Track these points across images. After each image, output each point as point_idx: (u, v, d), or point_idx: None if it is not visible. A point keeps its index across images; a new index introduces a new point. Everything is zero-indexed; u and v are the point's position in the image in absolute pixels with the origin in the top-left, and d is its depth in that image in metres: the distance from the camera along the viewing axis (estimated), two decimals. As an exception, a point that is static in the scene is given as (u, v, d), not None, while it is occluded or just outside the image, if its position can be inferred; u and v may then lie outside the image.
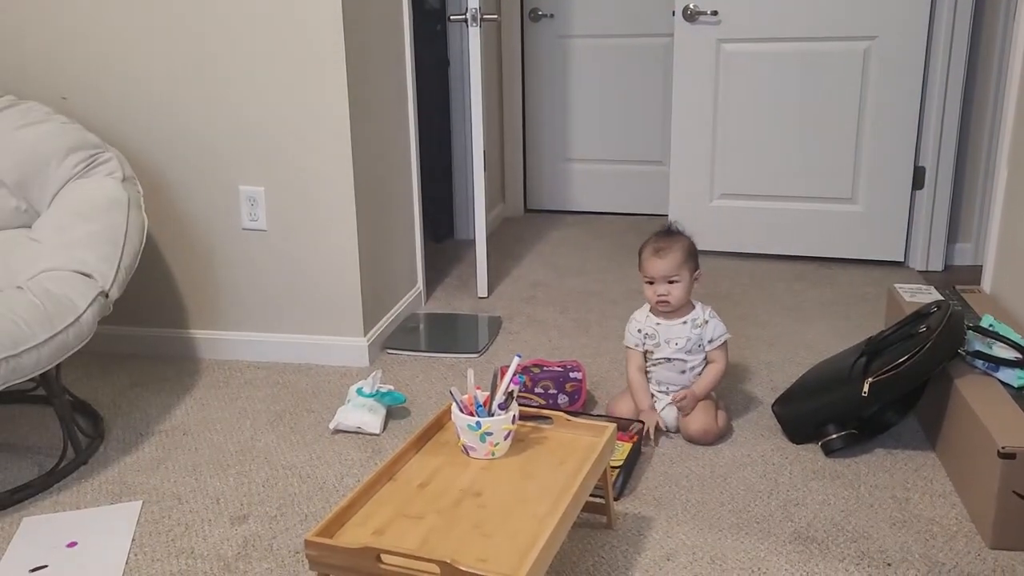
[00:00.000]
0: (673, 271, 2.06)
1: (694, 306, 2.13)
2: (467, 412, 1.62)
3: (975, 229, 3.34)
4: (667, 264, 2.06)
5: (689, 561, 1.65)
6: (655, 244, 2.10)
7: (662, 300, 2.08)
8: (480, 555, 1.34)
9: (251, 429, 2.20)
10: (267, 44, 2.38)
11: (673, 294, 2.07)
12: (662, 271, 2.06)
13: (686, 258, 2.08)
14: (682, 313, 2.12)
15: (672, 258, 2.06)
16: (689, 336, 2.10)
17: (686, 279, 2.08)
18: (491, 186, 3.93)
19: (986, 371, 1.93)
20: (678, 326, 2.11)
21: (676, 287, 2.07)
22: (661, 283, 2.07)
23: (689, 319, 2.11)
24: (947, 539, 1.71)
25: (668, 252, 2.07)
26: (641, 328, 2.14)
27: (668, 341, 2.11)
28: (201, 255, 2.59)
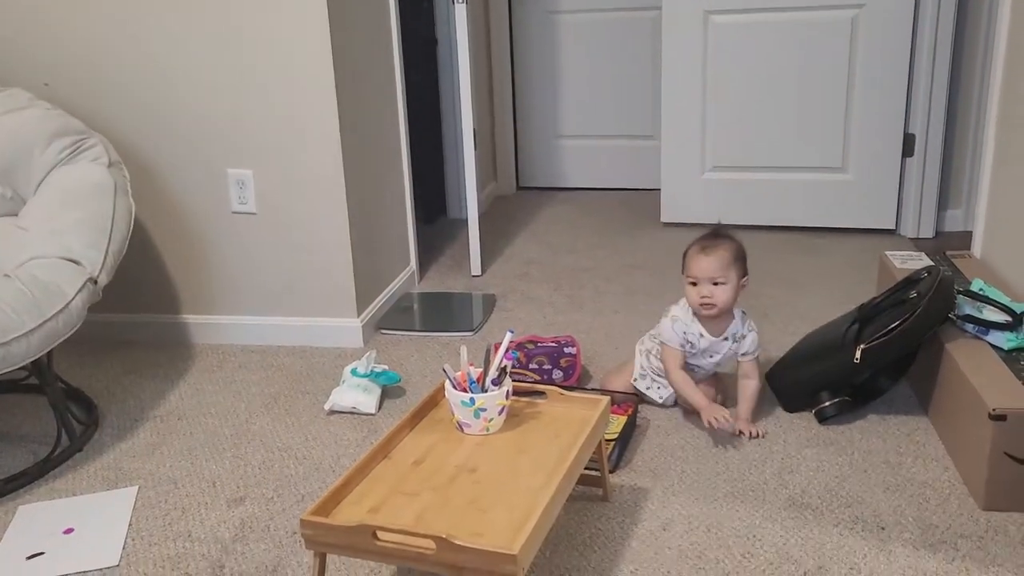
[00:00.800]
0: (719, 272, 1.93)
1: (735, 316, 2.01)
2: (461, 389, 1.62)
3: (965, 195, 3.34)
4: (713, 263, 1.93)
5: (685, 530, 1.66)
6: (702, 243, 1.98)
7: (706, 303, 1.94)
8: (476, 530, 1.34)
9: (246, 412, 2.20)
10: (252, 26, 2.36)
11: (717, 296, 1.93)
12: (707, 271, 1.93)
13: (734, 259, 1.95)
14: (724, 324, 2.00)
15: (719, 257, 1.93)
16: (727, 352, 2.02)
17: (733, 282, 1.94)
18: (482, 164, 3.91)
19: (976, 335, 1.93)
20: (720, 342, 2.00)
21: (721, 289, 1.93)
22: (705, 284, 1.94)
23: (730, 333, 2.00)
24: (940, 502, 1.72)
25: (715, 251, 1.94)
26: (687, 332, 2.00)
27: (705, 352, 2.01)
28: (191, 240, 2.58)
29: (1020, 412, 1.62)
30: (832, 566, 1.54)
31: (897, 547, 1.59)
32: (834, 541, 1.61)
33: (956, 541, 1.60)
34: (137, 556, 1.65)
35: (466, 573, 1.27)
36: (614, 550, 1.61)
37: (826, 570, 1.53)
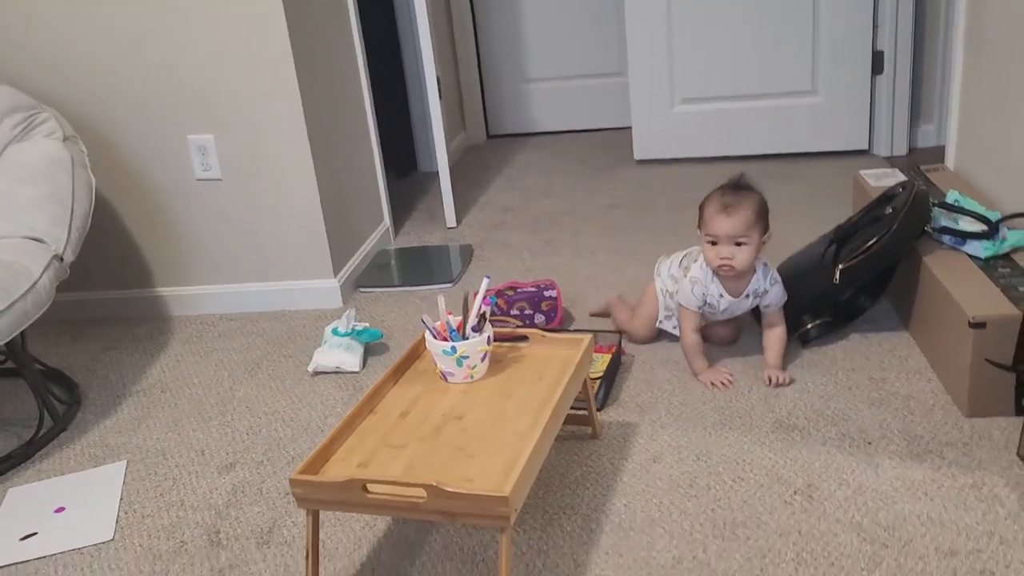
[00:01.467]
0: (742, 231, 1.80)
1: (756, 270, 1.89)
2: (441, 338, 1.61)
3: (937, 109, 3.33)
4: (736, 223, 1.80)
5: (675, 461, 1.67)
6: (722, 199, 1.82)
7: (725, 264, 1.83)
8: (466, 476, 1.34)
9: (229, 380, 2.19)
10: (198, -15, 2.30)
11: (738, 258, 1.82)
12: (729, 231, 1.80)
13: (757, 217, 1.82)
14: (744, 282, 1.89)
15: (742, 217, 1.80)
16: (747, 309, 1.94)
17: (755, 241, 1.82)
18: (450, 115, 3.86)
19: (953, 246, 1.93)
20: (740, 301, 1.90)
21: (743, 250, 1.82)
22: (726, 244, 1.82)
23: (751, 291, 1.90)
24: (924, 413, 1.73)
25: (738, 210, 1.80)
26: (705, 293, 1.90)
27: (725, 311, 1.93)
28: (157, 211, 2.53)
29: (1000, 319, 1.63)
30: (821, 483, 1.56)
31: (884, 460, 1.60)
32: (822, 459, 1.62)
33: (942, 449, 1.62)
34: (131, 529, 1.65)
35: (459, 518, 1.28)
36: (606, 485, 1.62)
37: (816, 487, 1.55)
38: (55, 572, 1.55)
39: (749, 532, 1.46)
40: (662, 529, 1.49)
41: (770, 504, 1.52)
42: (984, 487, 1.50)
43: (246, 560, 1.53)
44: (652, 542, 1.46)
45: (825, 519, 1.47)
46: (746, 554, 1.41)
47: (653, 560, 1.42)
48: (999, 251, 1.87)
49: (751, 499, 1.54)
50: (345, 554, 1.52)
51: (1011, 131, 2.14)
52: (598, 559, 1.44)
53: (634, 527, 1.50)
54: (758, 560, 1.39)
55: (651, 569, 1.40)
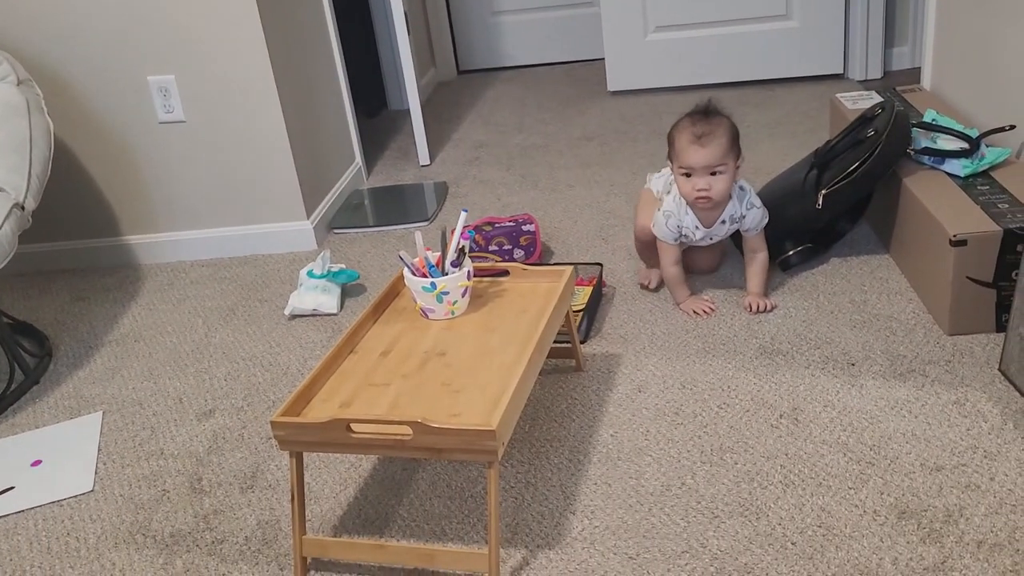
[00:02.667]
0: (718, 160, 1.73)
1: (731, 195, 1.83)
2: (420, 275, 1.58)
3: (910, 31, 3.28)
4: (711, 153, 1.73)
5: (660, 390, 1.66)
6: (693, 128, 1.75)
7: (702, 196, 1.77)
8: (451, 411, 1.32)
9: (204, 327, 2.14)
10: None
11: (715, 188, 1.76)
12: (704, 160, 1.73)
13: (731, 143, 1.76)
14: (719, 210, 1.84)
15: (716, 145, 1.73)
16: (727, 231, 1.88)
17: (731, 169, 1.76)
18: (419, 51, 3.76)
19: (933, 165, 1.92)
20: (716, 227, 1.86)
21: (720, 179, 1.75)
22: (702, 175, 1.75)
23: (727, 217, 1.85)
24: (906, 332, 1.74)
25: (712, 139, 1.73)
26: (680, 225, 1.86)
27: (702, 240, 1.89)
28: (120, 156, 2.45)
29: (980, 235, 1.63)
30: (806, 406, 1.56)
31: (868, 380, 1.61)
32: (806, 382, 1.62)
33: (924, 368, 1.62)
34: (111, 479, 1.62)
35: (446, 454, 1.26)
36: (592, 417, 1.61)
37: (801, 410, 1.55)
38: (35, 525, 1.53)
39: (736, 457, 1.46)
40: (650, 457, 1.49)
41: (756, 428, 1.52)
42: (967, 403, 1.51)
43: (230, 505, 1.51)
44: (640, 471, 1.46)
45: (811, 441, 1.47)
46: (734, 478, 1.41)
47: (642, 488, 1.42)
48: (978, 169, 1.85)
49: (737, 424, 1.54)
50: (331, 495, 1.50)
51: (986, 48, 2.11)
52: (587, 489, 1.44)
53: (621, 457, 1.50)
54: (746, 484, 1.40)
55: (640, 497, 1.40)
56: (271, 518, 1.47)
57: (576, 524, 1.37)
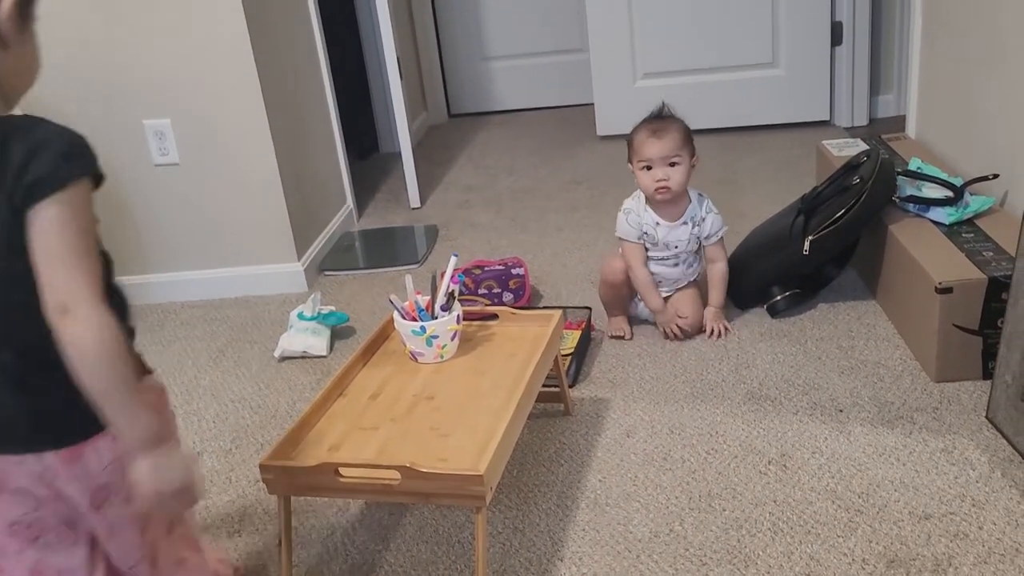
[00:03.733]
0: (673, 151, 1.88)
1: (691, 199, 1.97)
2: (410, 318, 1.59)
3: (896, 79, 3.35)
4: (667, 144, 1.88)
5: (649, 435, 1.66)
6: (650, 126, 1.92)
7: (662, 187, 1.89)
8: (440, 455, 1.32)
9: (193, 368, 2.14)
10: (148, -37, 2.23)
11: (674, 178, 1.88)
12: (661, 152, 1.88)
13: (685, 139, 1.91)
14: (680, 208, 1.95)
15: (671, 138, 1.89)
16: (689, 238, 1.96)
17: (686, 162, 1.90)
18: (411, 94, 3.81)
19: (918, 213, 1.95)
20: (678, 227, 1.95)
21: (677, 171, 1.89)
22: (660, 166, 1.89)
23: (688, 217, 1.95)
24: (894, 379, 1.75)
25: (666, 132, 1.89)
26: (641, 222, 1.95)
27: (667, 244, 1.95)
28: (115, 198, 2.46)
29: (965, 283, 1.65)
30: (795, 452, 1.56)
31: (856, 427, 1.61)
32: (795, 428, 1.63)
33: (912, 415, 1.63)
34: (96, 523, 1.60)
35: (434, 500, 1.26)
36: (580, 462, 1.61)
37: (789, 457, 1.55)
38: (19, 570, 1.51)
39: (725, 503, 1.46)
40: (638, 503, 1.49)
41: (745, 475, 1.52)
42: (955, 451, 1.52)
43: (217, 549, 1.50)
44: (629, 517, 1.46)
45: (800, 488, 1.47)
46: (723, 525, 1.41)
47: (630, 535, 1.42)
48: (962, 217, 1.88)
49: (726, 470, 1.54)
50: (319, 540, 1.49)
51: (970, 98, 2.15)
52: (575, 536, 1.43)
53: (610, 502, 1.50)
54: (735, 531, 1.39)
55: (628, 544, 1.40)
56: (258, 563, 1.46)
57: (564, 571, 1.36)
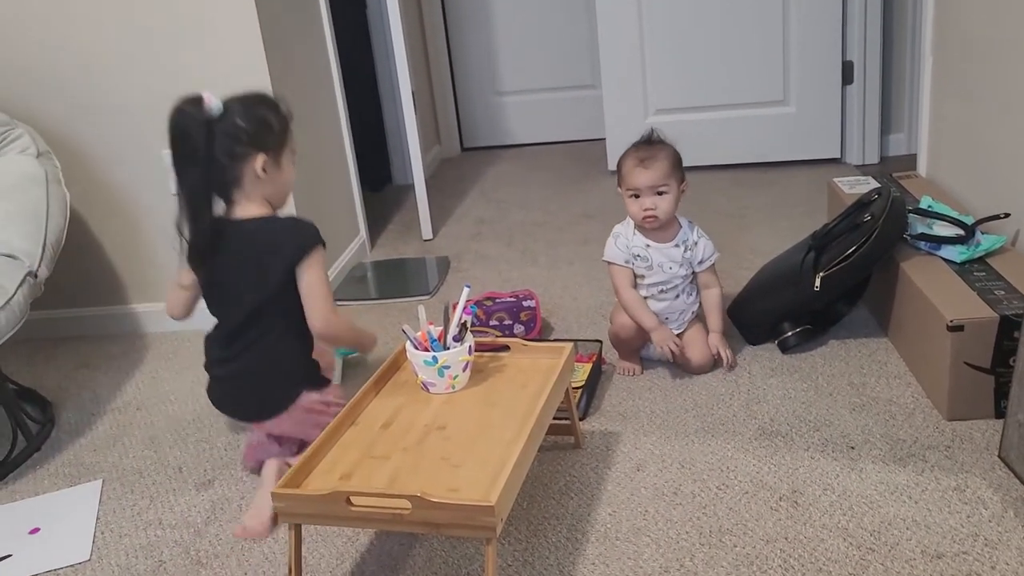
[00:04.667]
0: (661, 180, 1.89)
1: (681, 224, 1.99)
2: (422, 348, 1.60)
3: (907, 118, 3.37)
4: (654, 174, 1.89)
5: (659, 469, 1.66)
6: (637, 154, 1.92)
7: (649, 216, 1.91)
8: (450, 486, 1.33)
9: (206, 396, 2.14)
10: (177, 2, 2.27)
11: (661, 207, 1.90)
12: (648, 181, 1.88)
13: (673, 167, 1.91)
14: (671, 233, 1.97)
15: (659, 167, 1.89)
16: (681, 261, 1.96)
17: (674, 190, 1.91)
18: (424, 128, 3.85)
19: (929, 251, 1.95)
20: (670, 249, 1.95)
21: (664, 199, 1.90)
22: (648, 195, 1.90)
23: (680, 241, 1.96)
24: (905, 417, 1.74)
25: (654, 161, 1.90)
26: (630, 245, 1.96)
27: (660, 265, 1.96)
28: (131, 227, 2.50)
29: (977, 321, 1.65)
30: (806, 489, 1.56)
31: (867, 464, 1.61)
32: (806, 465, 1.63)
33: (924, 453, 1.63)
34: (108, 549, 1.61)
35: (444, 530, 1.26)
36: (590, 495, 1.61)
37: (800, 493, 1.55)
38: (29, 595, 1.51)
39: (736, 539, 1.45)
40: (648, 538, 1.48)
41: (756, 511, 1.52)
42: (967, 489, 1.51)
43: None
44: (639, 551, 1.45)
45: (811, 525, 1.47)
46: (733, 561, 1.41)
47: (640, 569, 1.41)
48: (974, 255, 1.89)
49: (736, 506, 1.54)
50: (328, 569, 1.49)
51: (980, 137, 2.17)
52: (584, 569, 1.43)
53: (620, 536, 1.49)
54: (745, 567, 1.39)
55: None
56: (267, 592, 1.46)
57: (574, 604, 1.36)
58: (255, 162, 1.59)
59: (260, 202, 1.63)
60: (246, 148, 1.58)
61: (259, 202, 1.63)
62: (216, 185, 1.60)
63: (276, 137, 1.62)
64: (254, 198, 1.62)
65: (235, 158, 1.58)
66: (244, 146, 1.58)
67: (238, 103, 1.60)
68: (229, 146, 1.57)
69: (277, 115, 1.64)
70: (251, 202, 1.62)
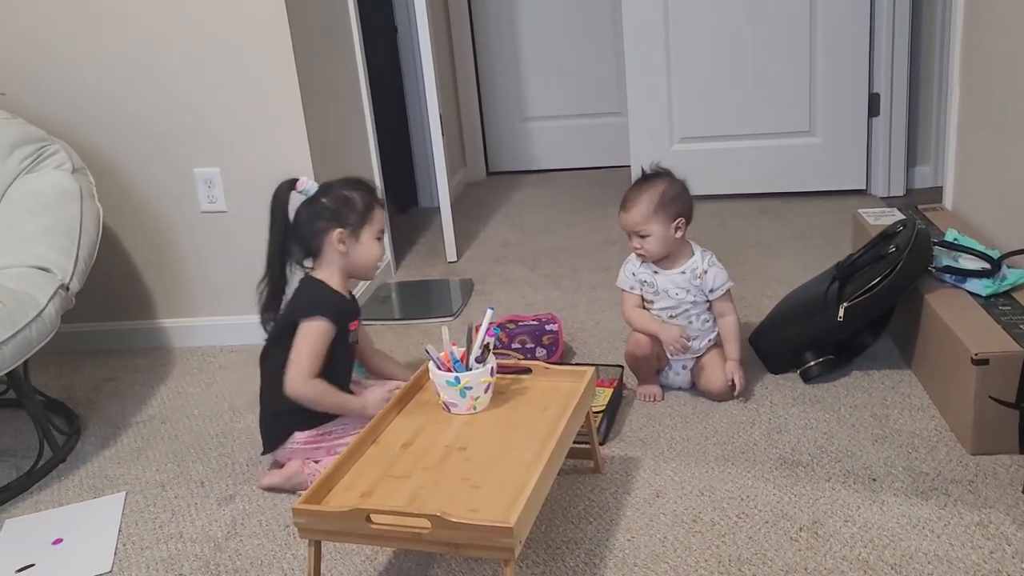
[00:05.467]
0: (639, 224, 1.91)
1: (693, 253, 1.99)
2: (445, 369, 1.61)
3: (933, 151, 3.36)
4: (632, 218, 1.92)
5: (679, 496, 1.66)
6: (626, 194, 1.96)
7: (639, 253, 1.96)
8: (470, 506, 1.33)
9: (230, 412, 2.18)
10: (211, 26, 2.33)
11: (647, 247, 1.93)
12: (628, 225, 1.94)
13: (656, 209, 1.90)
14: (678, 261, 1.98)
15: (637, 211, 1.91)
16: (688, 287, 1.96)
17: (659, 231, 1.91)
18: (451, 151, 3.89)
19: (954, 284, 1.94)
20: (675, 275, 1.97)
21: (648, 241, 1.92)
22: (633, 237, 1.94)
23: (687, 268, 1.97)
24: (929, 450, 1.73)
25: (634, 204, 1.92)
26: (636, 273, 2.00)
27: (666, 291, 1.97)
28: (162, 243, 2.54)
29: (1002, 355, 1.64)
30: (827, 520, 1.55)
31: (889, 497, 1.60)
32: (827, 496, 1.62)
33: (947, 487, 1.61)
34: (129, 561, 1.63)
35: (462, 550, 1.27)
36: (609, 520, 1.61)
37: (821, 524, 1.54)
38: (52, 604, 1.53)
39: (755, 569, 1.45)
40: (666, 565, 1.48)
41: (776, 541, 1.51)
42: (991, 525, 1.50)
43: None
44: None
45: (831, 556, 1.46)
46: (752, 590, 1.40)
47: (658, 595, 1.41)
48: (999, 289, 1.88)
49: (756, 535, 1.53)
50: (346, 587, 1.50)
51: (1007, 170, 2.16)
52: (602, 594, 1.42)
53: (638, 563, 1.49)
54: (764, 596, 1.38)
55: (656, 604, 1.39)
56: (285, 608, 1.47)
57: (591, 629, 1.35)
58: (332, 236, 1.77)
59: (337, 270, 1.81)
60: (326, 223, 1.78)
61: (336, 270, 1.81)
62: (294, 253, 1.82)
63: (358, 215, 1.80)
64: (333, 267, 1.81)
65: (316, 232, 1.79)
66: (324, 221, 1.78)
67: (333, 184, 1.83)
68: (312, 221, 1.79)
69: (364, 195, 1.82)
70: (328, 269, 1.81)
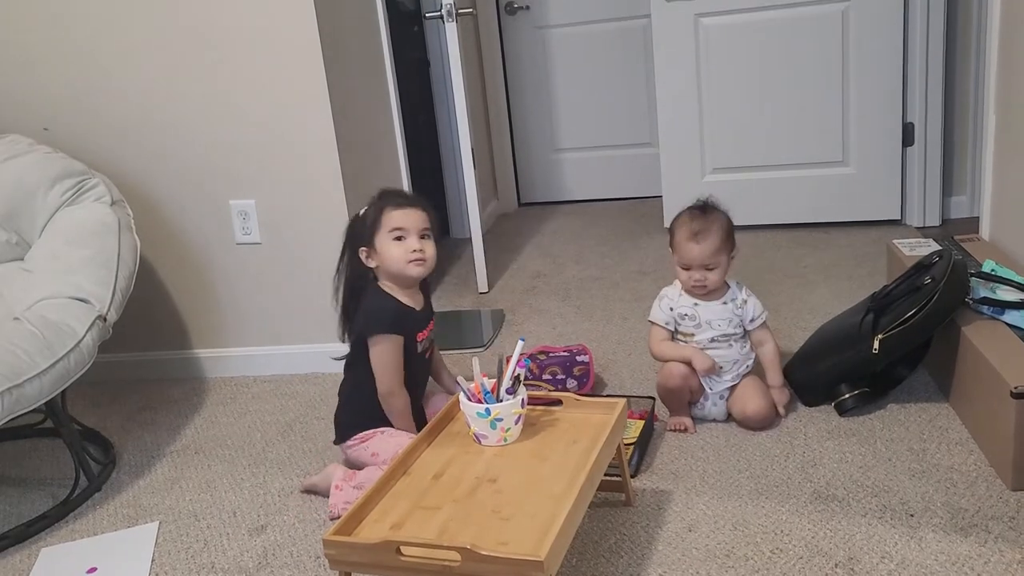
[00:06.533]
0: (711, 257, 1.91)
1: (729, 284, 2.00)
2: (475, 400, 1.61)
3: (969, 181, 3.32)
4: (705, 250, 1.91)
5: (711, 530, 1.64)
6: (691, 226, 1.93)
7: (698, 285, 1.95)
8: (500, 539, 1.33)
9: (262, 442, 2.19)
10: (245, 60, 2.38)
11: (710, 279, 1.93)
12: (700, 258, 1.91)
13: (724, 240, 1.93)
14: (718, 293, 1.99)
15: (710, 243, 1.91)
16: (731, 318, 1.97)
17: (724, 263, 1.93)
18: (482, 183, 3.92)
19: (992, 316, 1.91)
20: (717, 306, 1.97)
21: (714, 272, 1.93)
22: (698, 269, 1.93)
23: (728, 298, 1.98)
24: (967, 485, 1.69)
25: (706, 236, 1.91)
26: (674, 307, 1.99)
27: (709, 322, 1.97)
28: (197, 274, 2.58)
29: (1042, 388, 1.61)
30: (863, 556, 1.52)
31: (928, 533, 1.56)
32: (863, 531, 1.59)
33: (987, 523, 1.57)
34: (161, 590, 1.64)
35: (493, 583, 1.26)
36: (640, 554, 1.59)
37: (857, 561, 1.51)
38: (85, 632, 1.54)
39: (789, 605, 1.42)
40: (699, 600, 1.46)
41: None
42: (1033, 562, 1.46)
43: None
44: (689, 613, 1.43)
45: (868, 593, 1.43)
46: (786, 628, 1.37)
47: (690, 632, 1.39)
48: (1039, 321, 1.85)
49: (791, 571, 1.50)
50: (376, 620, 1.49)
51: (1047, 201, 2.13)
52: (634, 630, 1.41)
53: (670, 598, 1.47)
54: (799, 634, 1.36)
55: (688, 641, 1.37)
56: (314, 640, 1.47)
57: (622, 666, 1.34)
58: (362, 256, 1.94)
59: (388, 280, 1.96)
60: (353, 247, 1.97)
61: (387, 280, 1.96)
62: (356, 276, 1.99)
63: (368, 229, 1.92)
64: (383, 278, 1.96)
65: (356, 258, 1.96)
66: (352, 246, 1.98)
67: None
68: (352, 250, 1.98)
69: (374, 206, 1.94)
70: (383, 282, 1.96)
